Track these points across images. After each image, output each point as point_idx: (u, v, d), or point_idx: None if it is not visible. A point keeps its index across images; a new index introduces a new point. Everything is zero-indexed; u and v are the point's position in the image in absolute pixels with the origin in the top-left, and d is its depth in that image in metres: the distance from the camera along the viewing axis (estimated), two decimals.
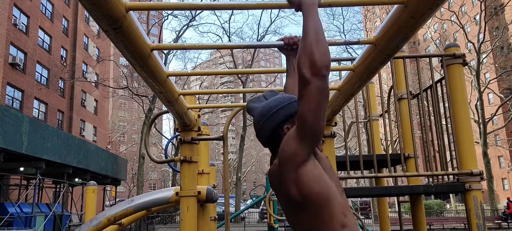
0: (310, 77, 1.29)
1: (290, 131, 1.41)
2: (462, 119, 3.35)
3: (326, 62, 1.30)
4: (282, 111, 1.51)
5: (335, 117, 3.09)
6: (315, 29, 1.34)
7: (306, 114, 1.31)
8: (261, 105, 1.57)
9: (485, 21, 24.31)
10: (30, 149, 13.21)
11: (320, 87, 1.29)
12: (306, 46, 1.31)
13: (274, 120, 1.51)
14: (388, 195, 4.15)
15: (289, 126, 1.49)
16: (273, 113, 1.52)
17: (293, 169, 1.35)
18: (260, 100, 1.61)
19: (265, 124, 1.52)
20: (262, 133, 1.54)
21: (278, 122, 1.50)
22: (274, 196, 12.20)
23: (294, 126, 1.44)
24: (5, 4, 21.38)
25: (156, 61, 1.88)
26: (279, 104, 1.53)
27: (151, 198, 3.88)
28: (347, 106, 3.39)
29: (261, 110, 1.55)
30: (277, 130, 1.50)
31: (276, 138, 1.50)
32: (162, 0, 24.57)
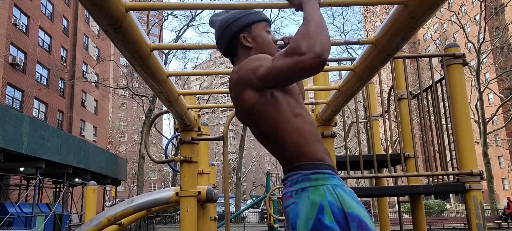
0: (306, 49, 1.27)
1: (261, 59, 1.44)
2: (462, 119, 3.35)
3: (328, 47, 1.29)
4: (238, 21, 1.60)
5: (335, 116, 3.09)
6: (319, 18, 1.34)
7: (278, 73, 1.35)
8: (220, 18, 1.66)
9: (485, 21, 24.32)
10: (30, 149, 13.21)
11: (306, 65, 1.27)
12: (310, 28, 1.30)
13: (231, 29, 1.60)
14: (388, 195, 4.15)
15: (245, 35, 1.59)
16: (230, 23, 1.61)
17: (246, 85, 1.43)
18: (221, 14, 1.70)
19: (223, 33, 1.62)
20: (221, 42, 1.64)
21: (234, 31, 1.60)
22: (274, 196, 12.20)
23: (250, 35, 1.59)
24: (5, 4, 21.38)
25: (156, 61, 1.88)
26: (237, 15, 1.61)
27: (151, 198, 3.88)
28: (347, 106, 3.39)
29: (221, 21, 1.64)
30: (234, 39, 1.60)
31: (234, 47, 1.62)
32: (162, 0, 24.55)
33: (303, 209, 1.30)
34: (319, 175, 1.35)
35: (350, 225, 1.25)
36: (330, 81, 3.74)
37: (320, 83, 3.24)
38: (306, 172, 1.36)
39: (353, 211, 1.28)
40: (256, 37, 1.60)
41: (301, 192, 1.33)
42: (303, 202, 1.31)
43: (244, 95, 1.44)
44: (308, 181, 1.34)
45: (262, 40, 1.60)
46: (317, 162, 1.38)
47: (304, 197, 1.31)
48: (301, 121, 1.43)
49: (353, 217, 1.27)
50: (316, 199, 1.29)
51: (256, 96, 1.42)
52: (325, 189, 1.31)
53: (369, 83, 4.55)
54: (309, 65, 1.27)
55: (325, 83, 3.32)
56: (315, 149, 1.41)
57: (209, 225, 4.29)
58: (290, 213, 1.34)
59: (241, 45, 1.60)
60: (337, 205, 1.28)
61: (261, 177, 66.38)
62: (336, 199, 1.29)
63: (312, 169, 1.36)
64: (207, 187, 3.80)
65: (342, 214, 1.27)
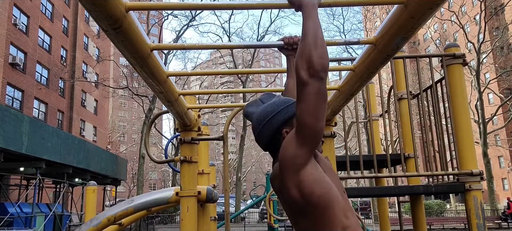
0: (307, 79, 1.29)
1: (289, 134, 1.40)
2: (462, 119, 3.35)
3: (324, 65, 1.30)
4: (279, 115, 1.51)
5: (335, 117, 3.09)
6: (314, 31, 1.34)
7: (304, 117, 1.30)
8: (258, 110, 1.57)
9: (485, 21, 24.31)
10: (30, 149, 13.21)
11: (317, 89, 1.29)
12: (305, 48, 1.31)
13: (272, 124, 1.50)
14: (388, 195, 4.15)
15: (287, 129, 1.48)
16: (271, 118, 1.51)
17: (293, 172, 1.34)
18: (257, 104, 1.61)
19: (264, 129, 1.52)
20: (261, 138, 1.54)
21: (276, 126, 1.50)
22: (274, 196, 12.20)
23: (291, 128, 1.45)
24: (5, 4, 21.37)
25: (156, 61, 1.88)
26: (277, 109, 1.52)
27: (151, 198, 3.88)
28: (347, 106, 3.38)
29: (259, 115, 1.54)
30: (276, 134, 1.50)
31: (275, 142, 1.50)
32: (162, 0, 24.55)
33: None
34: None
35: None
36: (330, 81, 3.74)
37: None
38: None
39: None
40: None
41: None
42: None
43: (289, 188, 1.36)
44: None
45: None
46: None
47: None
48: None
49: None
50: None
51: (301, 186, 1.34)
52: None
53: (369, 83, 4.55)
54: (317, 90, 1.29)
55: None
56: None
57: (209, 225, 4.29)
58: None
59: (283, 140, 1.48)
60: None
61: (261, 177, 66.38)
62: None
63: None
64: (207, 187, 3.80)
65: None
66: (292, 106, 1.51)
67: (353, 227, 1.35)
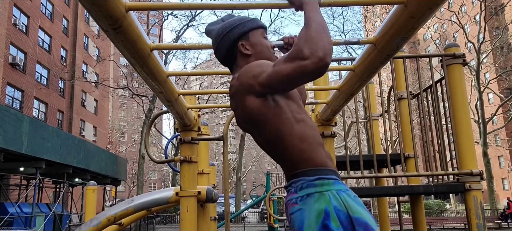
0: (308, 54, 1.27)
1: (262, 65, 1.43)
2: (462, 119, 3.35)
3: (330, 50, 1.29)
4: (236, 29, 1.59)
5: (335, 116, 3.09)
6: (321, 20, 1.34)
7: (281, 77, 1.34)
8: (217, 27, 1.65)
9: (485, 21, 24.31)
10: (30, 149, 13.21)
11: (309, 69, 1.27)
12: (312, 32, 1.30)
13: (229, 37, 1.59)
14: (388, 195, 4.15)
15: (243, 42, 1.58)
16: (228, 32, 1.59)
17: (246, 93, 1.43)
18: (217, 23, 1.69)
19: (221, 42, 1.61)
20: (219, 51, 1.63)
21: (233, 40, 1.58)
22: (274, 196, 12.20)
23: (248, 43, 1.57)
24: (5, 4, 21.37)
25: (156, 61, 1.88)
26: (234, 24, 1.60)
27: (151, 198, 3.88)
28: (347, 106, 3.39)
29: (218, 31, 1.63)
30: (233, 48, 1.59)
31: (232, 55, 1.60)
32: (162, 0, 24.55)
33: (309, 216, 1.29)
34: (324, 181, 1.34)
35: (357, 230, 1.26)
36: (330, 81, 3.74)
37: (320, 83, 3.24)
38: (310, 178, 1.35)
39: (359, 216, 1.28)
40: (255, 44, 1.59)
41: (306, 198, 1.33)
42: (308, 209, 1.30)
43: (245, 102, 1.43)
44: (313, 187, 1.33)
45: (260, 47, 1.60)
46: (321, 167, 1.38)
47: (310, 204, 1.31)
48: (303, 126, 1.42)
49: (359, 222, 1.27)
50: (322, 205, 1.29)
51: (258, 103, 1.41)
52: (330, 195, 1.31)
53: (369, 83, 4.55)
54: (312, 69, 1.27)
55: (325, 83, 3.32)
56: (319, 154, 1.40)
57: (209, 225, 4.29)
58: (296, 220, 1.33)
59: (240, 53, 1.58)
60: (342, 210, 1.28)
61: (261, 177, 66.37)
62: (342, 204, 1.29)
63: (316, 174, 1.36)
64: (207, 187, 3.80)
65: (348, 219, 1.27)
66: (249, 22, 1.60)
67: (307, 120, 1.45)
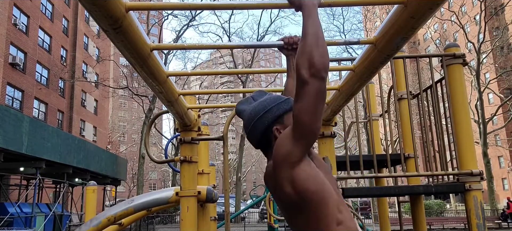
0: (308, 78, 1.29)
1: (285, 130, 1.40)
2: (462, 119, 3.35)
3: (325, 64, 1.30)
4: (271, 112, 1.51)
5: (335, 116, 3.09)
6: (315, 31, 1.34)
7: (302, 115, 1.31)
8: (250, 108, 1.57)
9: (485, 21, 24.31)
10: (30, 149, 13.21)
11: (317, 88, 1.29)
12: (306, 47, 1.32)
13: (263, 122, 1.51)
14: (388, 195, 4.15)
15: (278, 126, 1.49)
16: (262, 115, 1.52)
17: (287, 168, 1.35)
18: (248, 102, 1.61)
19: (255, 126, 1.52)
20: (252, 135, 1.55)
21: (267, 124, 1.50)
22: None
23: (283, 126, 1.48)
24: (5, 4, 21.37)
25: (156, 61, 1.88)
26: (268, 106, 1.53)
27: (151, 198, 3.88)
28: (347, 106, 3.38)
29: (250, 113, 1.55)
30: (267, 132, 1.50)
31: (266, 139, 1.52)
32: (162, 0, 24.56)
33: None
34: None
35: None
36: (330, 81, 3.74)
37: None
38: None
39: None
40: None
41: None
42: None
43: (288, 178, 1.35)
44: None
45: None
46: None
47: None
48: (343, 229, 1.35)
49: None
50: None
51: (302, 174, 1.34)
52: None
53: (369, 83, 4.55)
54: (317, 89, 1.29)
55: None
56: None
57: (209, 225, 4.29)
58: None
59: (275, 138, 1.49)
60: None
61: (261, 177, 66.33)
62: None
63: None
64: (207, 187, 3.80)
65: None
66: (283, 104, 1.53)
67: (347, 222, 1.36)
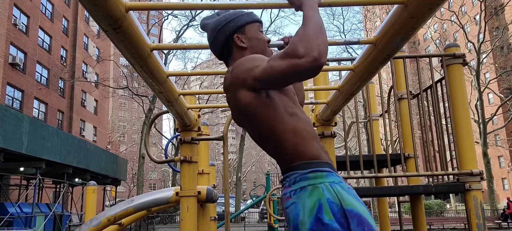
0: (303, 53, 1.27)
1: (256, 59, 1.44)
2: (462, 119, 3.35)
3: (325, 51, 1.29)
4: (232, 23, 1.60)
5: (335, 116, 3.09)
6: (318, 21, 1.35)
7: (276, 73, 1.34)
8: (213, 20, 1.66)
9: (485, 21, 24.30)
10: (30, 149, 13.21)
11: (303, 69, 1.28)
12: (309, 30, 1.31)
13: (224, 31, 1.60)
14: (388, 195, 4.15)
15: (239, 35, 1.59)
16: (223, 25, 1.60)
17: (240, 85, 1.43)
18: (212, 17, 1.69)
19: (217, 36, 1.62)
20: (214, 44, 1.64)
21: (228, 33, 1.59)
22: (274, 196, 12.20)
23: (244, 36, 1.59)
24: (5, 4, 21.37)
25: (156, 61, 1.88)
26: (229, 17, 1.61)
27: (151, 198, 3.88)
28: (347, 106, 3.38)
29: (213, 24, 1.64)
30: (228, 41, 1.60)
31: (228, 48, 1.61)
32: (162, 0, 24.54)
33: (302, 209, 1.30)
34: (317, 173, 1.35)
35: (350, 222, 1.25)
36: (330, 81, 3.74)
37: (320, 83, 3.24)
38: (303, 171, 1.36)
39: (353, 208, 1.28)
40: (250, 37, 1.61)
41: (299, 191, 1.33)
42: (302, 202, 1.31)
43: (239, 95, 1.44)
44: (306, 180, 1.34)
45: (256, 41, 1.61)
46: (314, 160, 1.38)
47: (303, 197, 1.31)
48: (296, 119, 1.43)
49: (352, 214, 1.26)
50: (315, 197, 1.29)
51: (251, 96, 1.42)
52: (323, 187, 1.31)
53: (369, 83, 4.55)
54: (306, 68, 1.27)
55: (325, 83, 3.32)
56: (312, 147, 1.41)
57: (209, 225, 4.29)
58: (290, 214, 1.34)
59: (236, 46, 1.59)
60: (336, 202, 1.28)
61: (261, 177, 66.38)
62: (335, 197, 1.29)
63: (309, 167, 1.36)
64: (207, 187, 3.80)
65: (341, 212, 1.26)
66: (245, 16, 1.62)
67: (299, 113, 1.46)
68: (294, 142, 1.40)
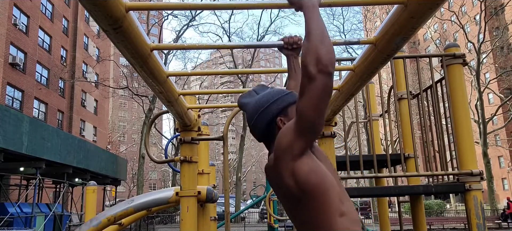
0: (316, 73, 1.28)
1: (288, 123, 1.40)
2: (462, 119, 3.35)
3: (332, 59, 1.30)
4: (275, 104, 1.52)
5: (335, 116, 3.09)
6: (319, 28, 1.34)
7: (307, 109, 1.30)
8: (253, 100, 1.57)
9: (485, 21, 24.30)
10: (30, 149, 13.21)
11: (324, 84, 1.29)
12: (311, 44, 1.31)
13: (267, 114, 1.51)
14: (388, 195, 4.15)
15: (282, 118, 1.50)
16: (266, 107, 1.52)
17: (289, 160, 1.35)
18: (251, 95, 1.61)
19: (259, 119, 1.53)
20: (256, 128, 1.55)
21: (271, 116, 1.51)
22: (274, 196, 12.19)
23: (287, 118, 1.49)
24: (5, 4, 21.37)
25: (156, 61, 1.88)
26: (272, 98, 1.53)
27: (151, 198, 3.88)
28: (347, 106, 3.38)
29: (254, 106, 1.55)
30: (271, 124, 1.51)
31: (270, 132, 1.51)
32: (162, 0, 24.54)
33: None
34: None
35: None
36: None
37: None
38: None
39: None
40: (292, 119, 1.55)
41: None
42: None
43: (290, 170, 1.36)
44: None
45: None
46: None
47: None
48: (346, 222, 1.33)
49: None
50: None
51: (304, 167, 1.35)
52: None
53: (369, 83, 4.55)
54: (325, 85, 1.29)
55: None
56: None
57: (209, 225, 4.29)
58: None
59: (279, 129, 1.49)
60: None
61: (261, 177, 66.38)
62: None
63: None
64: (207, 187, 3.80)
65: None
66: (287, 96, 1.53)
67: (349, 213, 1.35)
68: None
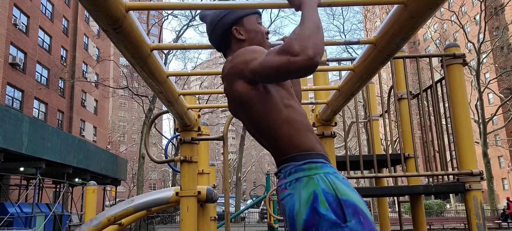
0: (299, 51, 1.26)
1: (249, 52, 1.45)
2: (462, 119, 3.35)
3: (320, 49, 1.29)
4: (230, 15, 1.62)
5: (335, 117, 3.09)
6: (315, 21, 1.35)
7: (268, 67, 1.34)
8: (211, 12, 1.69)
9: (485, 21, 24.30)
10: (30, 149, 13.21)
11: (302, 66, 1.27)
12: (305, 30, 1.30)
13: (223, 23, 1.62)
14: (388, 195, 4.14)
15: (237, 27, 1.62)
16: (222, 17, 1.63)
17: (238, 76, 1.45)
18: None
19: (215, 28, 1.64)
20: (213, 36, 1.67)
21: (227, 25, 1.62)
22: (274, 196, 12.20)
23: (243, 28, 1.61)
24: (5, 4, 21.37)
25: (156, 61, 1.88)
26: (228, 10, 1.63)
27: (151, 198, 3.88)
28: (347, 106, 3.38)
29: (211, 16, 1.67)
30: (227, 33, 1.63)
31: (226, 40, 1.64)
32: (162, 0, 24.54)
33: (298, 200, 1.31)
34: (311, 164, 1.36)
35: (345, 212, 1.26)
36: (330, 81, 3.74)
37: (320, 83, 3.24)
38: (298, 162, 1.37)
39: (348, 198, 1.29)
40: (248, 29, 1.63)
41: (295, 183, 1.35)
42: (297, 193, 1.32)
43: (235, 86, 1.46)
44: (301, 171, 1.35)
45: (254, 33, 1.64)
46: (309, 151, 1.40)
47: (298, 188, 1.33)
48: (291, 111, 1.45)
49: (348, 204, 1.28)
50: (310, 188, 1.31)
51: (247, 88, 1.44)
52: (318, 178, 1.32)
53: (369, 83, 4.55)
54: (301, 66, 1.27)
55: (325, 83, 3.32)
56: (307, 139, 1.42)
57: (209, 225, 4.29)
58: (286, 205, 1.35)
59: (234, 38, 1.62)
60: (331, 193, 1.29)
61: (261, 177, 66.38)
62: (330, 187, 1.30)
63: (304, 159, 1.37)
64: (207, 187, 3.80)
65: (336, 202, 1.28)
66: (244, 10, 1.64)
67: (296, 106, 1.47)
68: (289, 133, 1.41)
